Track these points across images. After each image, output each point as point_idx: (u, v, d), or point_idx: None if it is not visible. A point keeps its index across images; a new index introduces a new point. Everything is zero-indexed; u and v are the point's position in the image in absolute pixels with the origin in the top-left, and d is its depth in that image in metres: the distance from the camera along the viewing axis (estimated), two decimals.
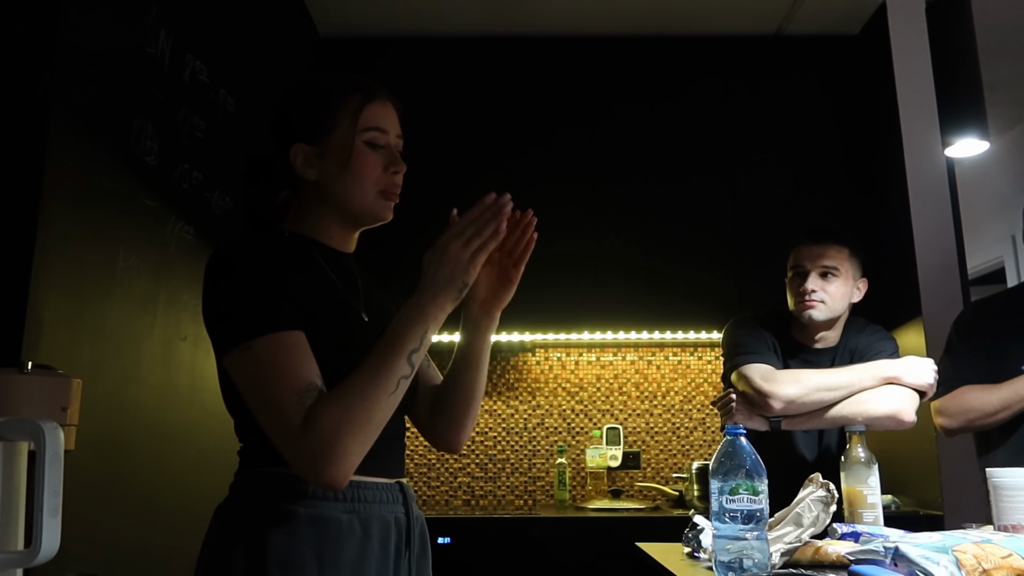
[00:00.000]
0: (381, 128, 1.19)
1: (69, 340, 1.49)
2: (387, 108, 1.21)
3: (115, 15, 1.65)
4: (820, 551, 1.31)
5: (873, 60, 3.08)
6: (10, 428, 0.94)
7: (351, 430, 0.98)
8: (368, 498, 1.11)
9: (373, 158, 1.17)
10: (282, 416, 0.98)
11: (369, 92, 1.19)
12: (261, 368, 1.01)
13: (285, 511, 1.05)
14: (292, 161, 1.18)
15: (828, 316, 1.96)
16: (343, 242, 1.23)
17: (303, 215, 1.21)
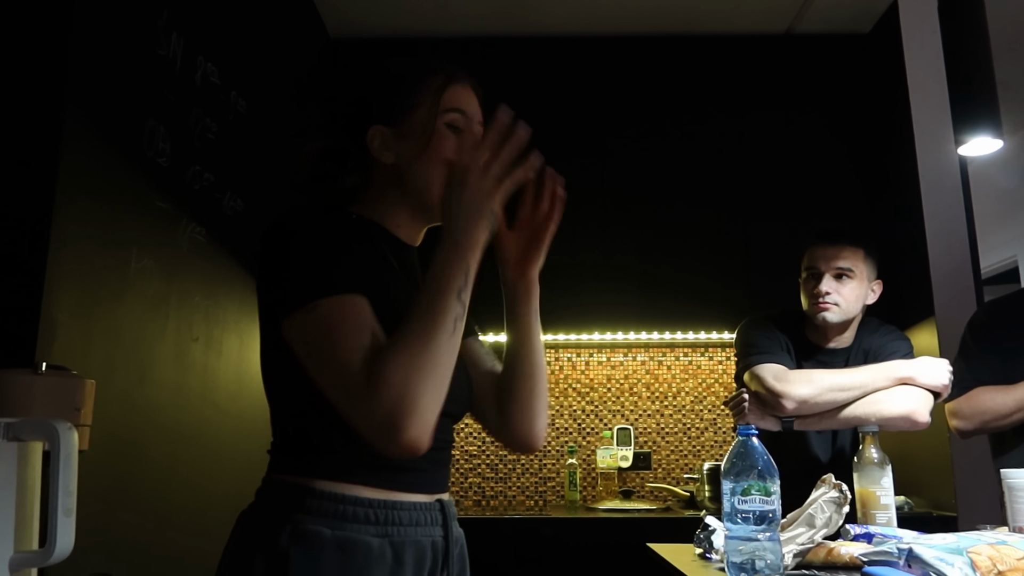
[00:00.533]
0: (463, 111, 1.12)
1: (82, 341, 1.49)
2: (470, 92, 1.16)
3: (127, 18, 1.66)
4: (833, 552, 1.30)
5: (885, 58, 3.06)
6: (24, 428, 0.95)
7: (420, 376, 0.90)
8: (403, 520, 1.02)
9: (454, 141, 1.10)
10: (346, 374, 0.91)
11: (452, 73, 1.14)
12: (327, 327, 0.94)
13: (311, 531, 0.96)
14: (368, 144, 1.11)
15: (842, 318, 1.95)
16: (410, 234, 1.15)
17: (373, 201, 1.13)
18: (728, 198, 3.11)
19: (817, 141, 3.16)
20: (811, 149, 3.15)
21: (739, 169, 3.14)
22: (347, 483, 0.99)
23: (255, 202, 2.37)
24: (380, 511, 1.00)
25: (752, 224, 3.10)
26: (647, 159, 3.15)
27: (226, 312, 2.18)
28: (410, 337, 0.92)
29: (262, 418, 2.72)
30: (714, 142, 3.16)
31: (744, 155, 3.15)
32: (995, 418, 1.88)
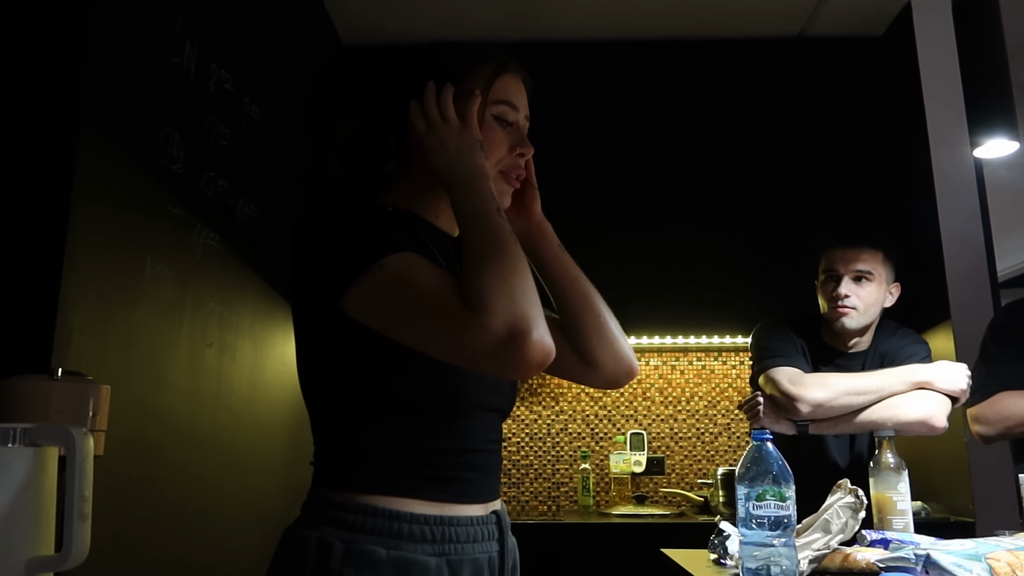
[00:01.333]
0: (512, 103, 1.07)
1: (98, 347, 1.50)
2: (520, 85, 1.10)
3: (142, 26, 1.67)
4: (849, 558, 1.29)
5: (899, 61, 3.04)
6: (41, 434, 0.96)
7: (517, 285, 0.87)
8: (460, 537, 0.96)
9: (500, 134, 1.06)
10: (449, 307, 0.87)
11: (503, 63, 1.08)
12: (405, 278, 0.89)
13: (366, 552, 0.91)
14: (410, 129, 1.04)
15: (861, 322, 1.93)
16: (449, 223, 1.08)
17: (410, 190, 1.07)
18: (742, 201, 3.10)
19: (831, 144, 3.14)
20: (825, 152, 3.13)
21: (753, 172, 3.13)
22: (400, 497, 0.94)
23: (269, 208, 2.38)
24: (437, 528, 0.94)
25: (766, 227, 3.09)
26: (660, 163, 3.14)
27: (240, 318, 2.19)
28: (485, 255, 0.89)
29: (276, 423, 2.75)
30: (727, 145, 3.15)
31: (758, 158, 3.14)
32: (1019, 424, 1.85)
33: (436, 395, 0.96)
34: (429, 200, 1.07)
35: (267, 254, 2.39)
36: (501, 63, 1.08)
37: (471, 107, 1.02)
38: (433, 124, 1.00)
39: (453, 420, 0.97)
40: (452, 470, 0.97)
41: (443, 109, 1.01)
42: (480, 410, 1.02)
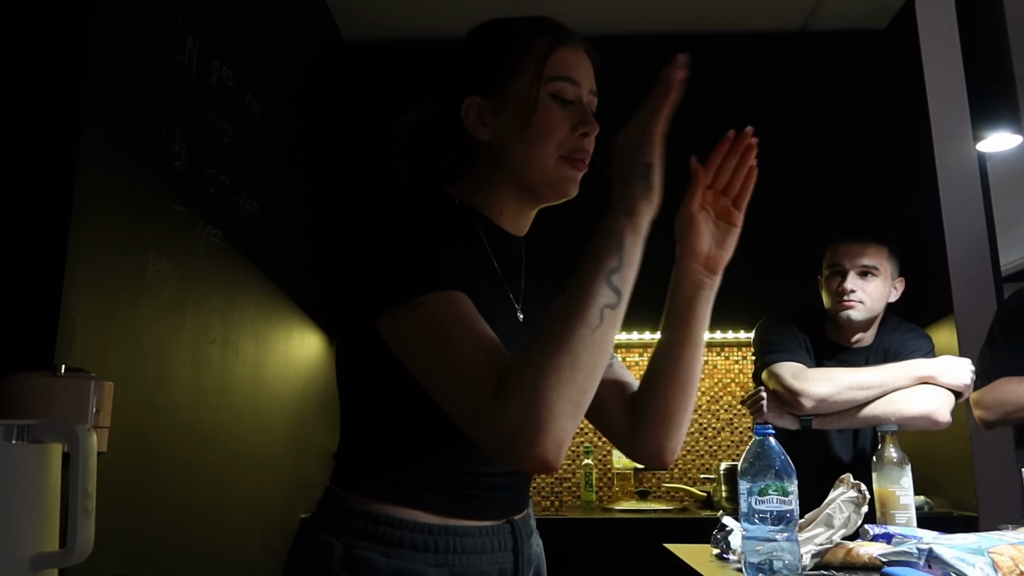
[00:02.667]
0: (571, 79, 0.98)
1: (101, 344, 1.51)
2: (581, 56, 1.02)
3: (143, 24, 1.67)
4: (852, 552, 1.29)
5: (901, 55, 3.03)
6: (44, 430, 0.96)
7: (555, 381, 0.76)
8: (465, 548, 0.91)
9: (559, 114, 0.97)
10: (473, 378, 0.79)
11: (561, 34, 0.99)
12: (439, 327, 0.82)
13: (365, 559, 0.88)
14: (463, 118, 0.98)
15: (866, 316, 1.93)
16: (514, 221, 1.02)
17: (474, 184, 1.00)
18: None
19: (833, 138, 3.14)
20: (828, 146, 3.13)
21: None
22: (407, 507, 0.90)
23: (271, 204, 2.38)
24: (440, 538, 0.90)
25: (769, 222, 3.08)
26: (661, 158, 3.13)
27: (243, 314, 2.19)
28: (545, 338, 0.79)
29: (279, 419, 2.76)
30: None
31: (760, 152, 3.12)
32: (1017, 409, 1.85)
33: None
34: (494, 195, 1.00)
35: (270, 250, 2.39)
36: (557, 35, 0.99)
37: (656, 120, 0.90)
38: (628, 147, 0.93)
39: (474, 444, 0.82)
40: (467, 489, 0.92)
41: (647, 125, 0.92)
42: None
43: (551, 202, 1.01)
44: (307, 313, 2.78)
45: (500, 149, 0.97)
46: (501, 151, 0.97)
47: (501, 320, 0.92)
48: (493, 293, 0.96)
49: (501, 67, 0.97)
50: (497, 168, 0.98)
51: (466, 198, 1.00)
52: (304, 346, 2.75)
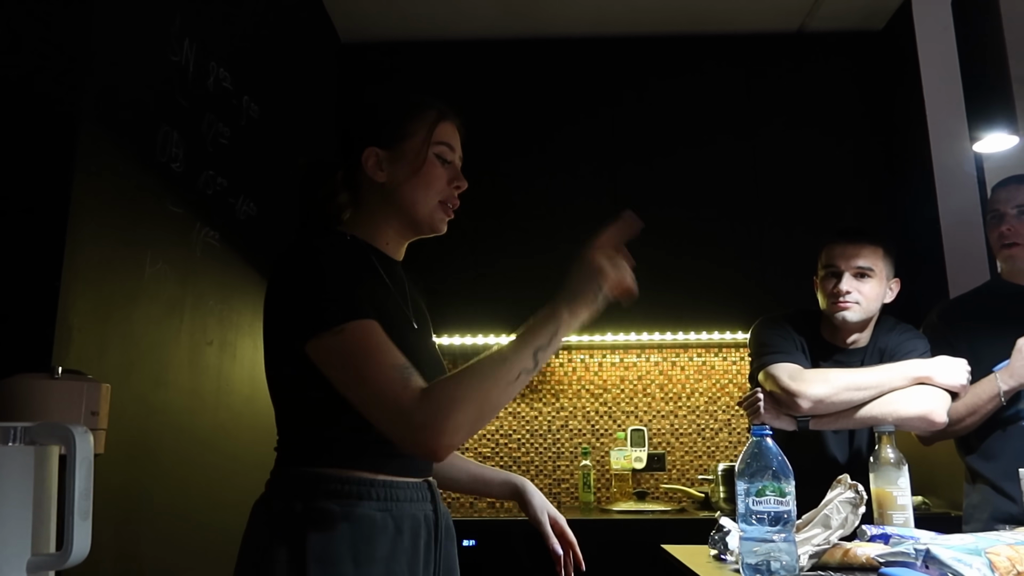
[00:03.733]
0: (451, 145, 1.28)
1: (98, 345, 1.51)
2: (455, 130, 1.30)
3: (141, 25, 1.67)
4: (849, 553, 1.29)
5: (898, 56, 3.04)
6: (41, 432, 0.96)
7: (465, 406, 1.02)
8: (400, 497, 1.16)
9: (440, 170, 1.26)
10: (387, 389, 1.03)
11: (443, 111, 1.29)
12: (358, 349, 1.06)
13: (322, 510, 1.10)
14: (363, 163, 1.24)
15: (862, 317, 1.93)
16: (396, 249, 1.29)
17: (361, 219, 1.26)
18: (741, 197, 3.10)
19: (830, 139, 3.14)
20: (824, 147, 3.13)
21: (752, 168, 3.12)
22: (351, 469, 1.13)
23: (268, 206, 2.38)
24: (379, 489, 1.14)
25: (765, 223, 3.09)
26: (659, 159, 3.14)
27: (240, 316, 2.19)
28: (470, 371, 1.05)
29: None
30: (727, 140, 3.14)
31: (756, 154, 3.14)
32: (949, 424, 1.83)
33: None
34: (382, 229, 1.26)
35: (267, 252, 2.39)
36: (441, 111, 1.28)
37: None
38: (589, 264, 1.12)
39: None
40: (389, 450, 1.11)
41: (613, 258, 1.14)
42: None
43: (426, 235, 1.30)
44: None
45: (394, 190, 1.24)
46: (395, 191, 1.24)
47: (402, 331, 1.16)
48: (394, 309, 1.21)
49: (399, 127, 1.25)
50: (388, 206, 1.25)
51: (357, 232, 1.25)
52: None
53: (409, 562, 1.15)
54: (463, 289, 3.01)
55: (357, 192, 1.26)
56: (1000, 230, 1.93)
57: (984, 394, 1.82)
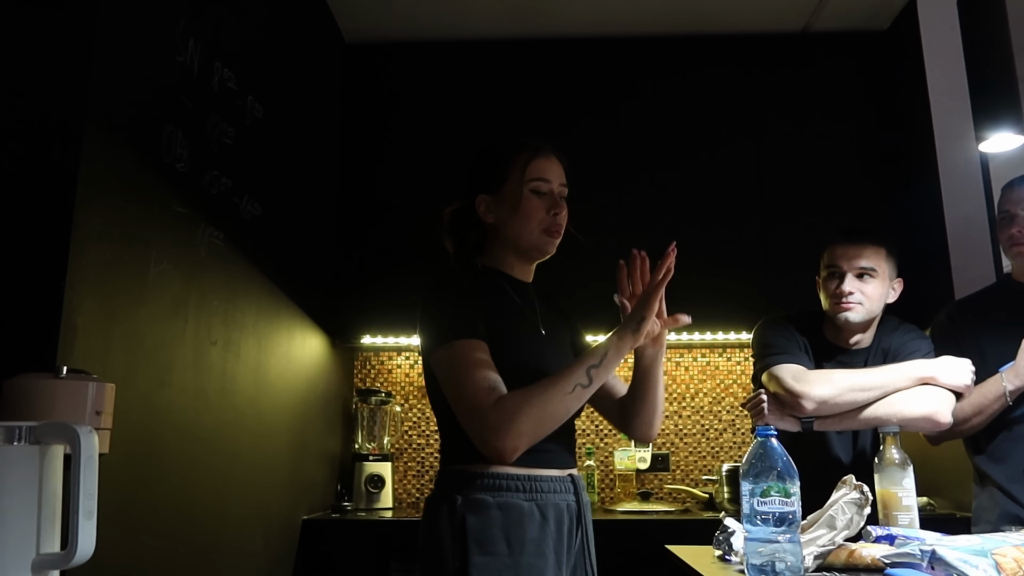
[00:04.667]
0: (544, 178, 1.47)
1: (102, 345, 1.51)
2: (551, 161, 1.50)
3: (145, 25, 1.67)
4: (854, 554, 1.29)
5: (903, 56, 3.03)
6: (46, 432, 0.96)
7: (529, 412, 1.27)
8: (544, 489, 1.37)
9: (537, 202, 1.46)
10: (476, 399, 1.28)
11: (536, 149, 1.49)
12: (461, 362, 1.32)
13: (479, 500, 1.34)
14: (477, 209, 1.49)
15: (865, 318, 1.93)
16: (523, 272, 1.53)
17: (490, 252, 1.52)
18: (745, 197, 3.10)
19: (835, 139, 3.13)
20: (829, 148, 3.12)
21: (756, 168, 3.12)
22: (500, 466, 1.34)
23: (273, 206, 2.38)
24: (526, 482, 1.36)
25: (770, 223, 3.08)
26: (664, 159, 3.14)
27: (244, 316, 2.19)
28: (535, 386, 1.30)
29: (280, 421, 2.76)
30: (732, 141, 3.14)
31: (762, 154, 3.13)
32: (956, 424, 1.83)
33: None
34: (503, 256, 1.52)
35: (272, 252, 2.40)
36: (533, 150, 1.49)
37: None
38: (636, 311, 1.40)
39: None
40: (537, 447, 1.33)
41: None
42: None
43: (538, 260, 1.53)
44: (309, 315, 2.78)
45: (501, 228, 1.49)
46: (502, 229, 1.49)
47: (529, 336, 1.46)
48: (519, 319, 1.47)
49: (496, 174, 1.48)
50: (501, 240, 1.50)
51: (489, 263, 1.52)
52: (306, 348, 2.75)
53: (555, 546, 1.35)
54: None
55: (482, 231, 1.52)
56: (1011, 232, 1.92)
57: (990, 394, 1.82)
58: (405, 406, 3.32)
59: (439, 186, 3.11)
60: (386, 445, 3.14)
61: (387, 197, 3.14)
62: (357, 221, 3.13)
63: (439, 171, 3.09)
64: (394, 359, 3.37)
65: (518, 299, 1.48)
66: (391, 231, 3.10)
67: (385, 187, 3.15)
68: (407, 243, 3.04)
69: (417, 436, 3.31)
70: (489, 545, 1.30)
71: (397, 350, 3.35)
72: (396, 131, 3.20)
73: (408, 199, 3.11)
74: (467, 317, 1.36)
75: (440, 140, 3.15)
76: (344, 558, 2.65)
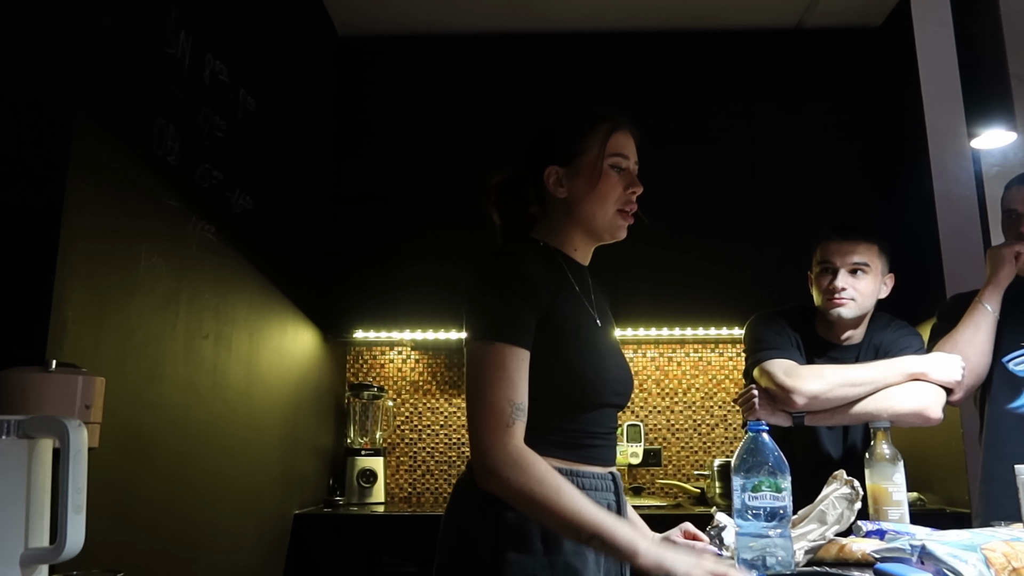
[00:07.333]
0: (624, 154, 1.37)
1: (92, 339, 1.50)
2: (628, 137, 1.39)
3: (136, 17, 1.66)
4: (845, 549, 1.29)
5: (896, 52, 3.04)
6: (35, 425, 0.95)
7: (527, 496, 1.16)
8: (586, 485, 1.28)
9: (616, 179, 1.35)
10: (495, 414, 1.18)
11: (616, 122, 1.38)
12: (496, 368, 1.20)
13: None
14: (545, 181, 1.36)
15: (857, 313, 1.93)
16: (583, 255, 1.42)
17: (550, 229, 1.39)
18: (738, 193, 3.10)
19: (828, 135, 3.14)
20: (822, 143, 3.13)
21: (749, 164, 3.12)
22: (545, 457, 1.21)
23: (264, 200, 2.37)
24: (569, 476, 1.23)
25: (762, 219, 3.08)
26: (656, 155, 3.13)
27: (236, 309, 2.19)
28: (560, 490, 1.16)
29: (271, 415, 2.75)
30: (724, 137, 3.14)
31: (754, 150, 3.13)
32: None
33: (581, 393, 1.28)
34: (568, 235, 1.38)
35: (263, 246, 2.39)
36: (614, 122, 1.37)
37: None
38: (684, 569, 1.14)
39: (584, 411, 1.29)
40: (581, 441, 1.29)
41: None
42: (608, 405, 1.34)
43: (607, 242, 1.41)
44: (301, 309, 2.77)
45: (574, 204, 1.35)
46: (575, 205, 1.35)
47: (586, 327, 1.33)
48: (579, 308, 1.34)
49: (574, 145, 1.35)
50: (571, 218, 1.37)
51: (547, 240, 1.38)
52: (298, 341, 2.75)
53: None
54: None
55: (544, 205, 1.39)
56: (1019, 230, 1.93)
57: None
58: (397, 401, 3.32)
59: (432, 180, 3.12)
60: (378, 440, 3.14)
61: (380, 191, 3.13)
62: (349, 215, 3.12)
63: (432, 165, 3.09)
64: (386, 354, 3.37)
65: (577, 286, 1.36)
66: (384, 225, 3.09)
67: (378, 181, 3.14)
68: (400, 237, 3.04)
69: (409, 431, 3.31)
70: (526, 542, 1.22)
71: (389, 344, 3.35)
72: (389, 125, 3.19)
73: (401, 193, 3.10)
74: (520, 319, 1.24)
75: (433, 134, 3.14)
76: (336, 553, 2.65)
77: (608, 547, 1.15)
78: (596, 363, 1.29)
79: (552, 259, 1.35)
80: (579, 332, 1.30)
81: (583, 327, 1.31)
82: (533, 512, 1.18)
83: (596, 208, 1.34)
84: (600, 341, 1.34)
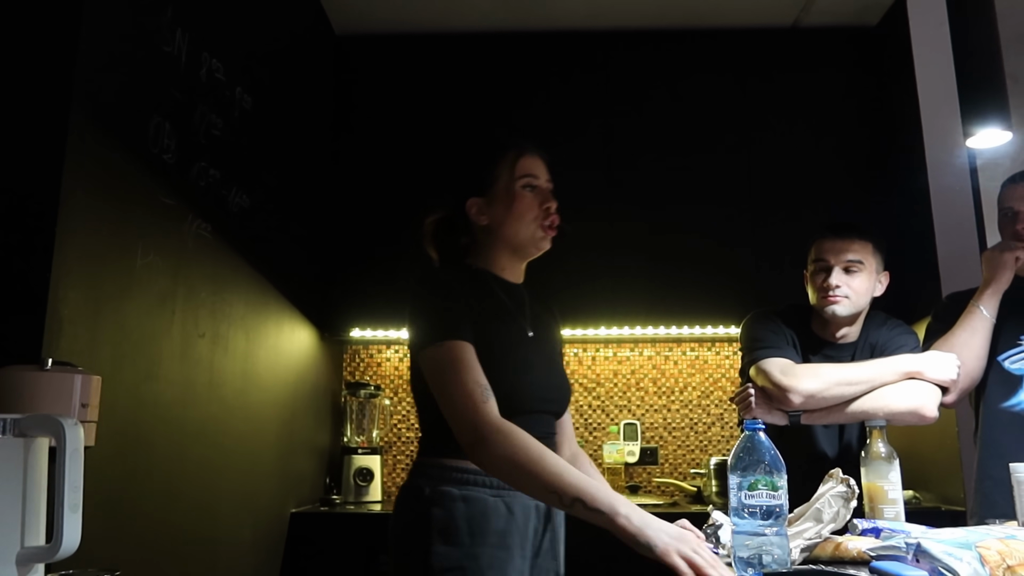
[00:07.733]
0: (534, 174, 1.50)
1: (89, 337, 1.50)
2: (537, 159, 1.52)
3: (132, 15, 1.66)
4: (840, 547, 1.29)
5: (892, 51, 3.04)
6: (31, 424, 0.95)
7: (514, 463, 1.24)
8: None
9: (530, 198, 1.48)
10: (471, 395, 1.29)
11: (521, 148, 1.51)
12: (453, 363, 1.32)
13: (445, 492, 1.35)
14: (468, 212, 1.50)
15: (852, 311, 1.94)
16: (513, 274, 1.53)
17: (479, 253, 1.52)
18: (734, 192, 3.10)
19: (824, 134, 3.14)
20: (818, 143, 3.13)
21: (745, 163, 3.12)
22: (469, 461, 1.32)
23: (261, 198, 2.37)
24: (495, 479, 1.34)
25: (758, 218, 3.09)
26: (653, 154, 3.14)
27: (232, 308, 2.18)
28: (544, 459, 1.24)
29: (268, 414, 2.75)
30: (720, 136, 3.14)
31: (750, 149, 3.14)
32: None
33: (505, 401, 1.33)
34: (495, 257, 1.51)
35: (260, 244, 2.38)
36: (518, 149, 1.51)
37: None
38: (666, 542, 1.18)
39: (515, 416, 1.33)
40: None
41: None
42: (536, 412, 1.44)
43: (533, 256, 1.52)
44: (298, 307, 2.77)
45: (497, 228, 1.48)
46: (498, 229, 1.48)
47: (515, 336, 1.46)
48: (507, 321, 1.46)
49: (487, 175, 1.49)
50: (495, 240, 1.49)
51: (478, 264, 1.51)
52: (294, 340, 2.74)
53: (520, 538, 1.36)
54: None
55: (473, 235, 1.51)
56: (1015, 228, 1.93)
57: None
58: (394, 399, 3.32)
59: (430, 179, 3.11)
60: (375, 438, 3.14)
61: (377, 190, 3.13)
62: (346, 214, 3.12)
63: (429, 164, 3.08)
64: (383, 352, 3.36)
65: (508, 300, 1.48)
66: (381, 224, 3.09)
67: (375, 180, 3.14)
68: (397, 236, 3.04)
69: (406, 429, 3.31)
70: (451, 536, 1.32)
71: (387, 343, 3.35)
72: (385, 124, 3.18)
73: (398, 192, 3.10)
74: (457, 317, 1.36)
75: (430, 133, 3.14)
76: (332, 551, 2.65)
77: (590, 510, 1.20)
78: (520, 372, 1.40)
79: (481, 279, 1.48)
80: (503, 343, 1.40)
81: (509, 339, 1.43)
82: (517, 478, 1.25)
83: (517, 227, 1.46)
84: (529, 352, 1.46)
